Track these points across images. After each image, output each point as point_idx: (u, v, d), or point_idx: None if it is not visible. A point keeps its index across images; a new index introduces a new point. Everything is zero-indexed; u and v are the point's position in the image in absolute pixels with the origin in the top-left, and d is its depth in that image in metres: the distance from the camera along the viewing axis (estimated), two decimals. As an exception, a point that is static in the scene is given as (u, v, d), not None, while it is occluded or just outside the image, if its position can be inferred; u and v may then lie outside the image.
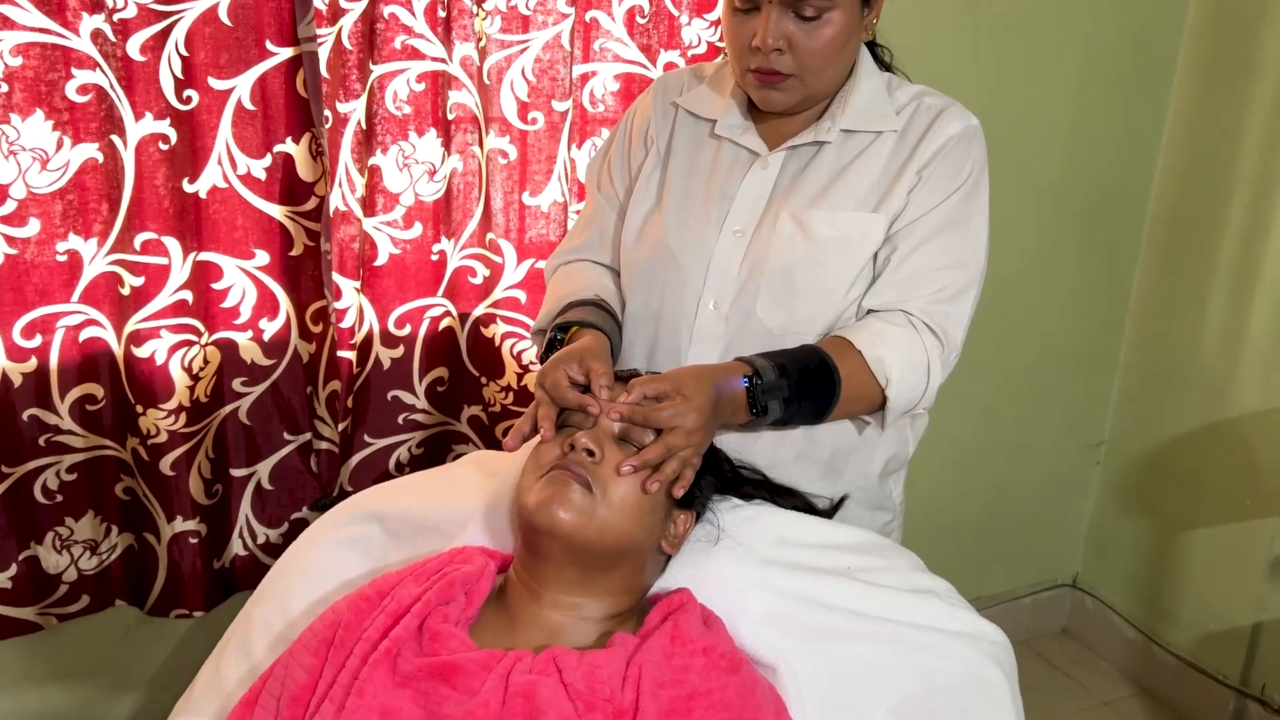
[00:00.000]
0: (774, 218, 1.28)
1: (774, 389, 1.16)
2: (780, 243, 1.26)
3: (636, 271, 1.36)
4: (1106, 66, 2.17)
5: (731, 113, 1.34)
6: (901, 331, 1.23)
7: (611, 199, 1.43)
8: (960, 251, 1.26)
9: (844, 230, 1.25)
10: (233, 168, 1.56)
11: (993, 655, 1.11)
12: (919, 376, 1.23)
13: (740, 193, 1.30)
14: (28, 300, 1.50)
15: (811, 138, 1.29)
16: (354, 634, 1.02)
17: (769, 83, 1.23)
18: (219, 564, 1.72)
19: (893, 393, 1.22)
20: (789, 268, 1.26)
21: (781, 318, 1.27)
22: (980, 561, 2.47)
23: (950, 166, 1.27)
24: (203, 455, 1.65)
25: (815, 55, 1.21)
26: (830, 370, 1.20)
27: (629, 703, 0.93)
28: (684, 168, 1.36)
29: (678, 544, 1.09)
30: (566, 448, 1.03)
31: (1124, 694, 2.40)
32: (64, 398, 1.55)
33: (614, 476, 1.02)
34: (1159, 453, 2.37)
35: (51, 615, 1.64)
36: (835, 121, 1.28)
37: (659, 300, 1.33)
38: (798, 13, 1.19)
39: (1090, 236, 2.30)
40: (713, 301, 1.29)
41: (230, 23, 1.50)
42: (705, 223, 1.31)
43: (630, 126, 1.44)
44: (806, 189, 1.28)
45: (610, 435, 1.05)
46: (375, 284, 1.70)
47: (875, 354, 1.21)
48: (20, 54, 1.40)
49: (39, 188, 1.46)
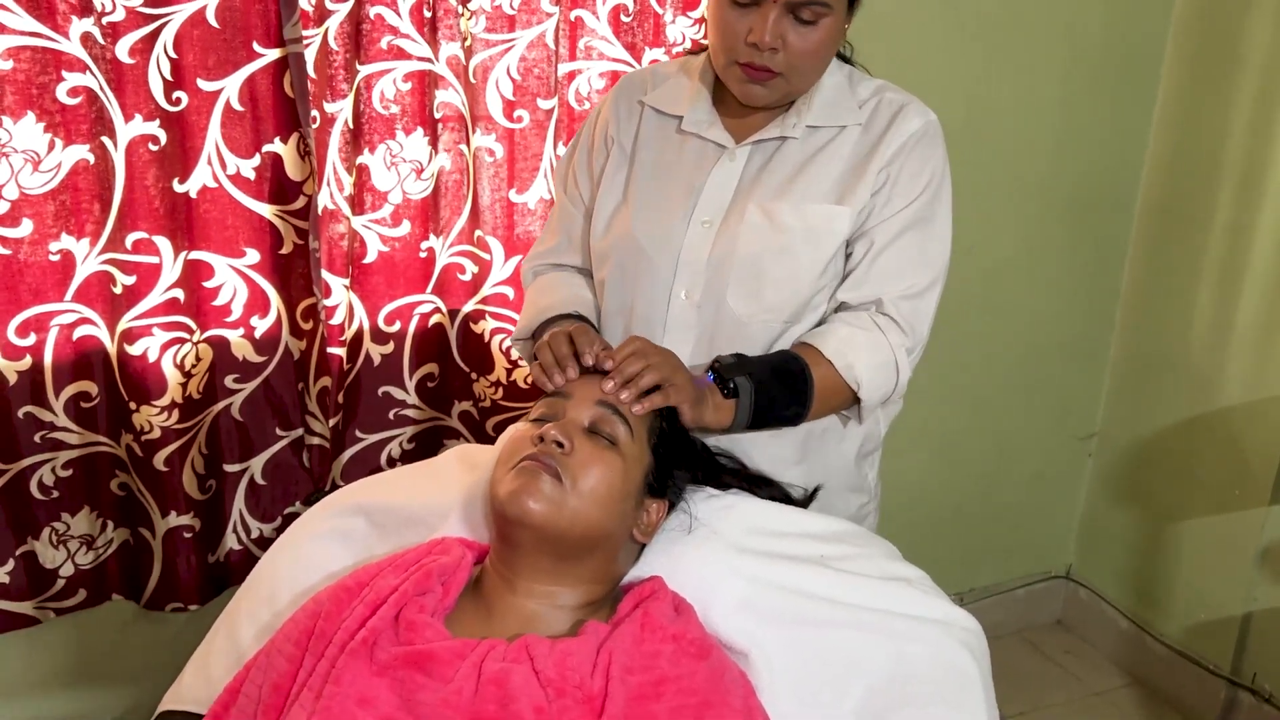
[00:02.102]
0: (742, 209, 1.31)
1: (735, 367, 1.22)
2: (748, 233, 1.29)
3: (607, 266, 1.39)
4: (1093, 60, 2.18)
5: (698, 108, 1.36)
6: (868, 335, 1.28)
7: (577, 201, 1.46)
8: (928, 250, 1.31)
9: (810, 221, 1.29)
10: (222, 167, 1.59)
11: (965, 641, 1.13)
12: (888, 375, 1.29)
13: (708, 184, 1.33)
14: (21, 299, 1.52)
15: (778, 133, 1.32)
16: (334, 624, 1.04)
17: (757, 79, 1.26)
18: (213, 558, 1.74)
19: (864, 394, 1.28)
20: (757, 256, 1.29)
21: (751, 306, 1.30)
22: (972, 553, 2.49)
23: (915, 166, 1.30)
24: (196, 451, 1.68)
25: (806, 57, 1.24)
26: (796, 360, 1.25)
27: (599, 689, 0.95)
28: (651, 163, 1.38)
29: (650, 532, 1.11)
30: (537, 440, 1.05)
31: (1117, 684, 2.41)
32: (59, 395, 1.58)
33: (585, 467, 1.04)
34: (1149, 444, 2.38)
35: (49, 609, 1.67)
36: (801, 118, 1.31)
37: (631, 293, 1.36)
38: (796, 15, 1.22)
39: (1079, 229, 2.31)
40: (684, 291, 1.32)
41: (218, 25, 1.52)
42: (673, 214, 1.33)
43: (593, 130, 1.46)
44: (773, 181, 1.32)
45: (580, 428, 1.08)
46: (365, 281, 1.72)
47: (845, 363, 1.27)
48: (11, 57, 1.43)
49: (31, 189, 1.49)
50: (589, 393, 1.10)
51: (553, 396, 1.12)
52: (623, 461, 1.07)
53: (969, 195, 2.16)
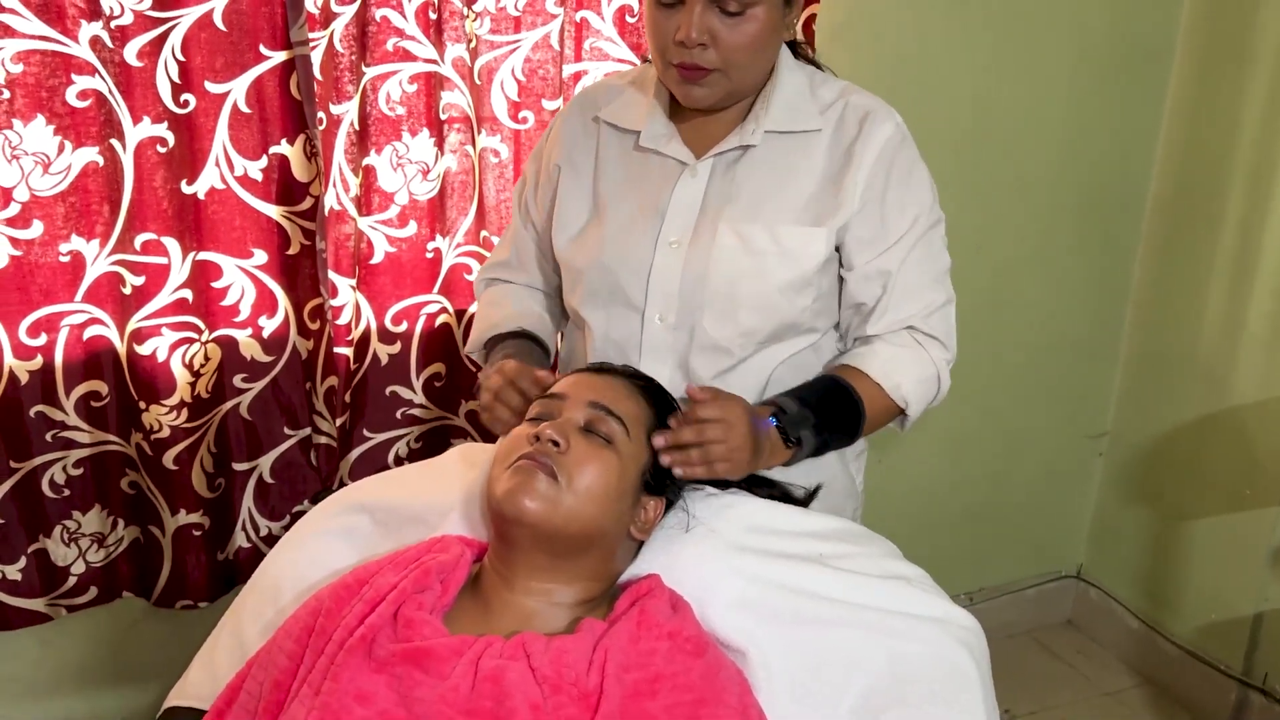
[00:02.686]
0: (711, 228, 1.28)
1: (800, 420, 1.22)
2: (722, 256, 1.28)
3: (579, 291, 1.37)
4: (1101, 57, 2.17)
5: (654, 121, 1.33)
6: (909, 352, 1.31)
7: (529, 227, 1.47)
8: (938, 263, 1.33)
9: (785, 244, 1.27)
10: (230, 169, 1.60)
11: (963, 640, 1.13)
12: (930, 388, 1.33)
13: (671, 204, 1.31)
14: (33, 300, 1.54)
15: (737, 142, 1.29)
16: (334, 621, 1.05)
17: (692, 78, 1.24)
18: (222, 556, 1.76)
19: (912, 410, 1.32)
20: (732, 281, 1.28)
21: (727, 329, 1.29)
22: (981, 552, 2.48)
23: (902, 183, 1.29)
24: (205, 450, 1.69)
25: (739, 50, 1.22)
26: (849, 392, 1.27)
27: (594, 686, 0.96)
28: (614, 183, 1.36)
29: (647, 530, 1.12)
30: (533, 439, 1.06)
31: (1127, 684, 2.40)
32: (69, 394, 1.60)
33: (580, 465, 1.05)
34: (1160, 443, 2.37)
35: (61, 606, 1.69)
36: (759, 123, 1.29)
37: (605, 317, 1.35)
38: (722, 8, 1.19)
39: (1088, 227, 2.30)
40: (658, 315, 1.31)
41: (225, 28, 1.54)
42: (640, 237, 1.31)
43: (541, 155, 1.45)
44: (741, 198, 1.29)
45: (576, 427, 1.09)
46: (372, 281, 1.73)
47: (892, 383, 1.29)
48: (21, 61, 1.45)
49: (42, 191, 1.51)
50: (584, 393, 1.11)
51: (548, 397, 1.12)
52: (618, 459, 1.07)
53: (976, 193, 2.17)
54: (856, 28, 1.96)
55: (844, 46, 1.95)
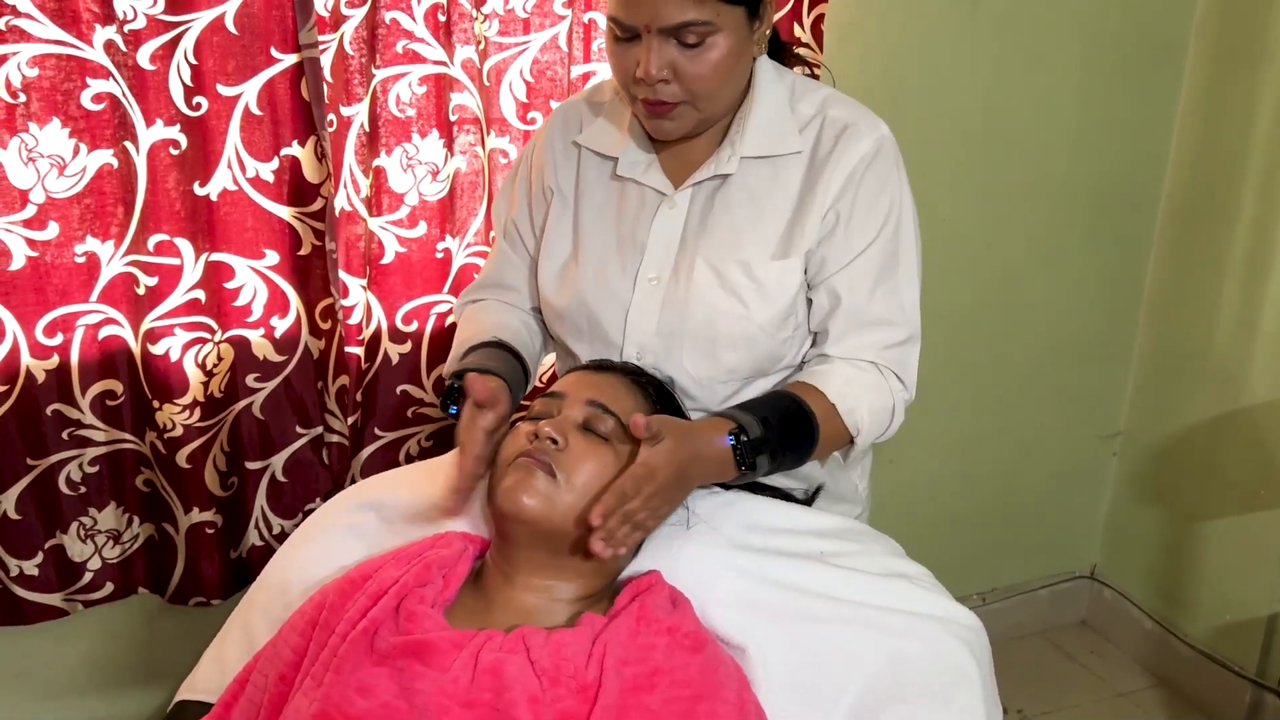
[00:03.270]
0: (689, 264, 1.25)
1: (761, 444, 1.14)
2: (699, 294, 1.24)
3: (563, 325, 1.35)
4: (1113, 55, 2.16)
5: (631, 148, 1.30)
6: (869, 379, 1.25)
7: (518, 247, 1.43)
8: (901, 297, 1.26)
9: (760, 278, 1.24)
10: (241, 171, 1.62)
11: (963, 638, 1.13)
12: (883, 420, 1.27)
13: (651, 239, 1.28)
14: (49, 300, 1.57)
15: (713, 170, 1.26)
16: (337, 615, 1.06)
17: (658, 113, 1.19)
18: (235, 554, 1.78)
19: (860, 439, 1.26)
20: (710, 321, 1.24)
21: (707, 369, 1.26)
22: (994, 553, 2.47)
23: (869, 196, 1.23)
24: (218, 449, 1.71)
25: (702, 81, 1.16)
26: (808, 416, 1.21)
27: (593, 679, 0.97)
28: (594, 212, 1.33)
29: (648, 528, 1.13)
30: (532, 437, 1.08)
31: (1141, 685, 2.39)
32: (85, 393, 1.62)
33: (578, 462, 1.06)
34: (1175, 443, 2.36)
35: (78, 601, 1.71)
36: (736, 149, 1.25)
37: (586, 352, 1.33)
38: (679, 40, 1.14)
39: (1099, 226, 2.29)
40: (635, 351, 1.28)
41: (236, 31, 1.55)
42: (619, 272, 1.29)
43: (529, 175, 1.41)
44: (719, 230, 1.26)
45: (574, 425, 1.10)
46: (383, 282, 1.75)
47: (847, 406, 1.23)
48: (37, 65, 1.47)
49: (57, 193, 1.53)
50: (582, 391, 1.12)
51: (547, 396, 1.14)
52: (615, 456, 1.09)
53: (986, 192, 2.17)
54: (865, 27, 1.96)
55: (852, 46, 1.95)
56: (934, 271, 2.12)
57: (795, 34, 1.84)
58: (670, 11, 1.12)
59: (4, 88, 1.46)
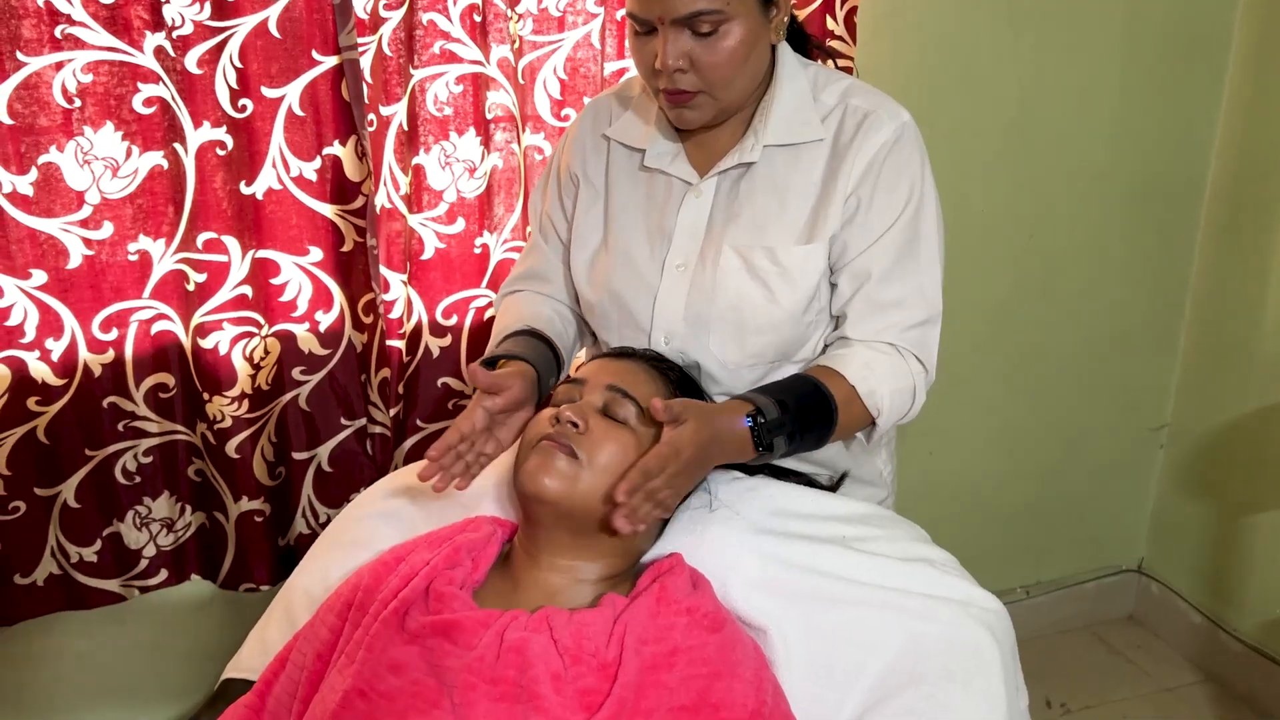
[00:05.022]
0: (715, 250, 1.28)
1: (777, 426, 1.16)
2: (725, 279, 1.27)
3: (594, 315, 1.39)
4: (1154, 43, 2.14)
5: (658, 140, 1.33)
6: (889, 360, 1.26)
7: (552, 239, 1.46)
8: (921, 281, 1.27)
9: (784, 263, 1.26)
10: (286, 170, 1.67)
11: (984, 621, 1.13)
12: (904, 401, 1.28)
13: (678, 226, 1.31)
14: (104, 297, 1.63)
15: (738, 159, 1.28)
16: (371, 596, 1.10)
17: (678, 102, 1.23)
18: (284, 541, 1.84)
19: (882, 420, 1.27)
20: (736, 306, 1.27)
21: (734, 353, 1.29)
22: (1036, 546, 2.46)
23: (889, 181, 1.25)
24: (266, 439, 1.77)
25: (718, 69, 1.19)
26: (827, 399, 1.22)
27: (613, 657, 1.00)
28: (623, 203, 1.36)
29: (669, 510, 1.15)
30: (553, 421, 1.11)
31: (1189, 680, 2.36)
32: (139, 386, 1.69)
33: (599, 445, 1.09)
34: (1223, 435, 2.33)
35: (134, 587, 1.78)
36: (759, 137, 1.27)
37: (615, 340, 1.36)
38: (693, 30, 1.17)
39: (1143, 216, 2.27)
40: (663, 338, 1.31)
41: (279, 35, 1.61)
42: (647, 260, 1.32)
43: (559, 168, 1.45)
44: (744, 218, 1.28)
45: (595, 409, 1.13)
46: (423, 277, 1.79)
47: (868, 388, 1.24)
48: (91, 71, 1.54)
49: (111, 194, 1.59)
50: (603, 377, 1.15)
51: (569, 382, 1.17)
52: (635, 439, 1.11)
53: (1026, 182, 2.16)
54: (899, 18, 1.96)
55: (887, 38, 1.96)
56: (974, 264, 2.15)
57: (828, 27, 1.85)
58: (681, 3, 1.16)
59: (60, 93, 1.53)
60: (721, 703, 0.98)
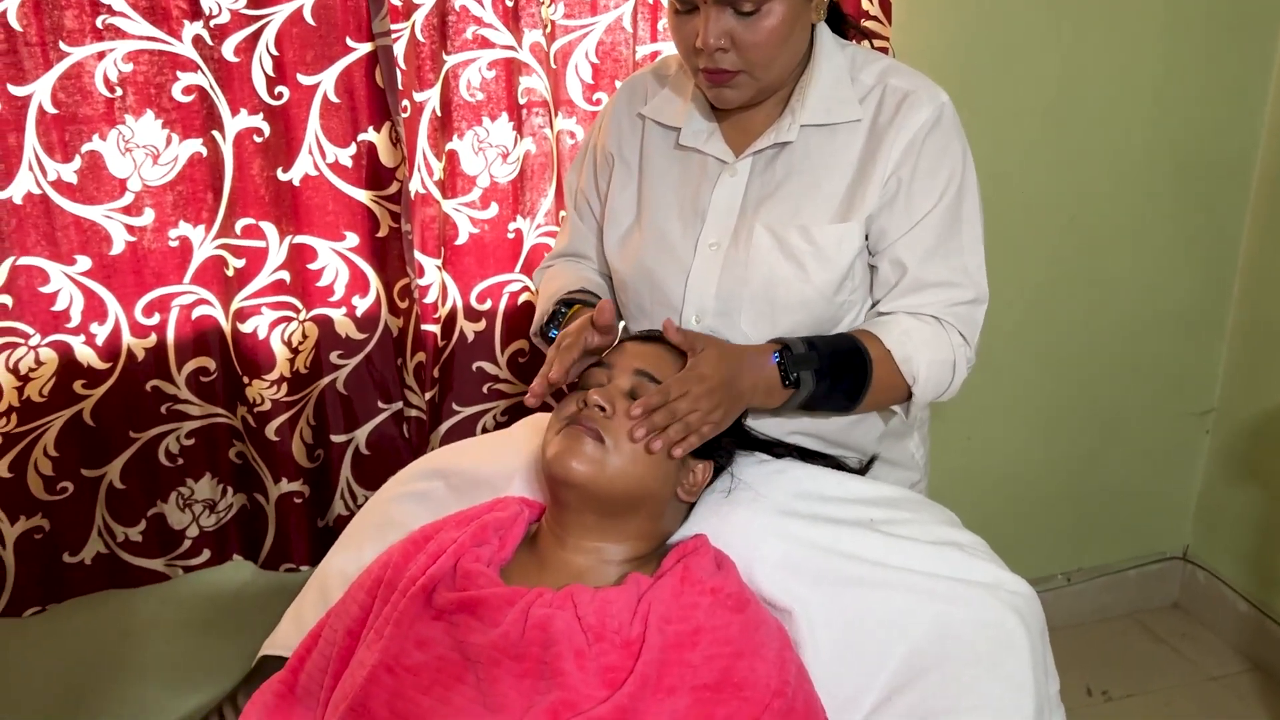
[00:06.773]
0: (749, 229, 1.28)
1: (804, 360, 1.19)
2: (758, 257, 1.27)
3: (627, 292, 1.39)
4: (1197, 18, 2.09)
5: (694, 118, 1.33)
6: (930, 330, 1.26)
7: (587, 217, 1.48)
8: (965, 262, 1.27)
9: (818, 242, 1.25)
10: (322, 156, 1.70)
11: (1011, 604, 1.12)
12: (944, 373, 1.26)
13: (712, 205, 1.30)
14: (146, 282, 1.67)
15: (774, 139, 1.28)
16: (400, 573, 1.12)
17: (718, 81, 1.22)
18: (323, 522, 1.87)
19: (919, 390, 1.26)
20: (769, 284, 1.27)
21: (766, 332, 1.28)
22: (1078, 532, 2.43)
23: (929, 163, 1.24)
24: (304, 422, 1.80)
25: (759, 49, 1.19)
26: (861, 354, 1.23)
27: (637, 635, 1.00)
28: (657, 181, 1.36)
29: (695, 492, 1.16)
30: (580, 404, 1.11)
31: (1235, 669, 2.32)
32: (180, 370, 1.72)
33: (625, 428, 1.09)
34: (1271, 420, 2.28)
35: (178, 566, 1.82)
36: (796, 117, 1.27)
37: (646, 318, 1.36)
38: (736, 8, 1.17)
39: (1188, 197, 2.22)
40: (694, 316, 1.31)
41: (314, 22, 1.62)
42: (680, 238, 1.32)
43: (594, 146, 1.46)
44: (778, 196, 1.28)
45: (622, 393, 1.13)
46: (457, 262, 1.81)
47: (904, 354, 1.24)
48: (131, 60, 1.57)
49: (152, 181, 1.63)
50: (630, 361, 1.15)
51: (596, 366, 1.17)
52: None
53: (1066, 163, 2.12)
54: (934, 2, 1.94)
55: (924, 17, 1.93)
56: (1014, 246, 2.12)
57: (863, 7, 1.83)
58: None
59: (103, 82, 1.56)
60: (744, 682, 0.99)
